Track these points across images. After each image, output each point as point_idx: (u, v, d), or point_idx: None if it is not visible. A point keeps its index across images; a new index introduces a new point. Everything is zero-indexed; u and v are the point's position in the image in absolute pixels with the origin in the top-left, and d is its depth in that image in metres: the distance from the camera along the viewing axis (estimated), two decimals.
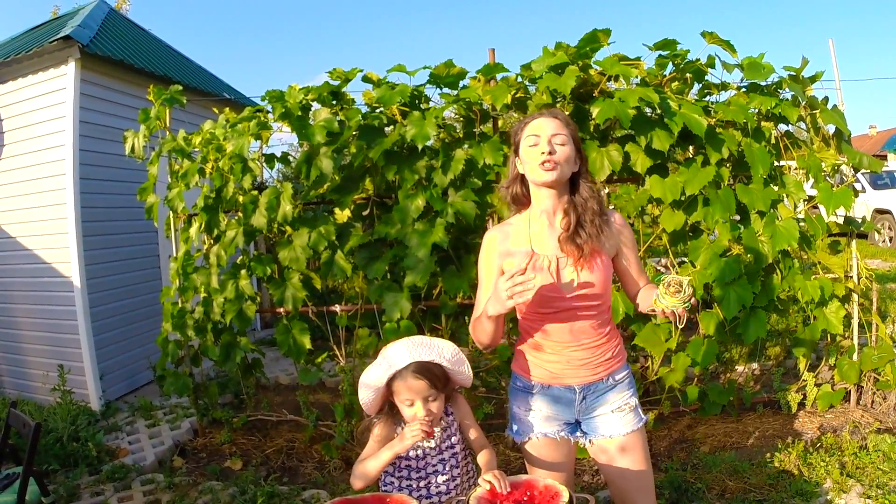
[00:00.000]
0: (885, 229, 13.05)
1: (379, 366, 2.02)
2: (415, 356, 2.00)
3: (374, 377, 2.02)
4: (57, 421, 4.52)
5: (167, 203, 4.37)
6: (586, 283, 2.00)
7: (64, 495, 3.78)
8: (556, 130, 2.01)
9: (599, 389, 2.10)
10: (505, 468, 3.74)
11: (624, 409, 2.12)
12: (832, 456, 3.62)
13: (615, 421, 2.11)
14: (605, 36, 3.53)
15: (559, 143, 2.00)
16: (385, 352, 2.06)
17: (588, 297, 2.02)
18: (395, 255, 3.73)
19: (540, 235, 2.07)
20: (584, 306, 2.02)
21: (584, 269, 2.00)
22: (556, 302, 2.01)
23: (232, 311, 4.06)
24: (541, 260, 2.03)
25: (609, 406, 2.11)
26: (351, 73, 3.87)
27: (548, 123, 2.02)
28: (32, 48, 5.38)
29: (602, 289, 2.04)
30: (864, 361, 4.12)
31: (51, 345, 5.55)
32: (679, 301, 1.83)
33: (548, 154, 1.97)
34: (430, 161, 3.69)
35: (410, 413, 2.02)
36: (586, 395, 2.09)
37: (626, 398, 2.13)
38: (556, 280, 2.01)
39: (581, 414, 2.13)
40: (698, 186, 3.58)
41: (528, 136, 2.03)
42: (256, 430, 4.61)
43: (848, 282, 4.07)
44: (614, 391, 2.12)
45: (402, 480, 2.10)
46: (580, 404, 2.11)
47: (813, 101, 3.94)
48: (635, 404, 2.16)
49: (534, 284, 1.87)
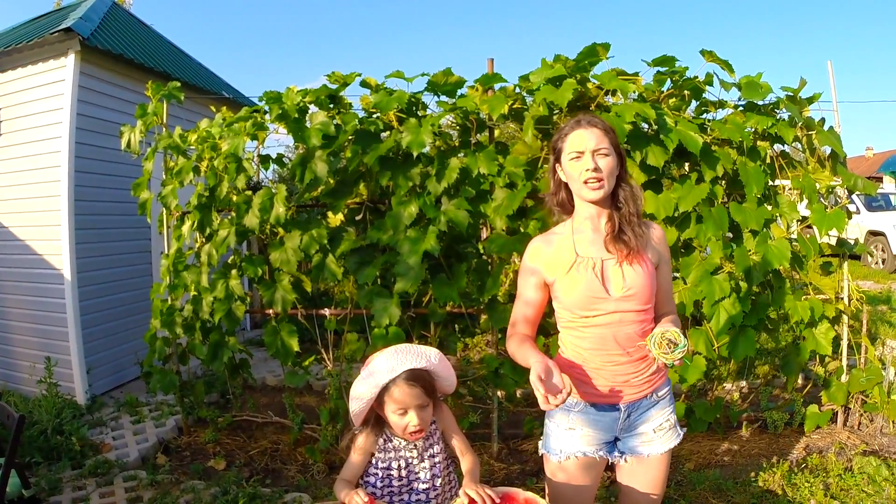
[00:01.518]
0: (878, 251, 13.06)
1: (371, 377, 1.97)
2: (406, 364, 1.95)
3: (367, 389, 1.96)
4: (42, 413, 4.51)
5: (161, 200, 4.36)
6: (632, 282, 1.96)
7: (46, 488, 3.76)
8: (598, 144, 1.96)
9: (643, 406, 2.07)
10: (488, 479, 3.75)
11: (664, 426, 2.10)
12: (817, 477, 3.62)
13: (655, 439, 2.09)
14: (605, 50, 3.52)
15: (603, 155, 1.96)
16: (373, 363, 2.00)
17: (633, 297, 1.97)
18: (387, 261, 3.73)
19: (584, 241, 2.04)
20: (629, 310, 1.97)
21: (629, 270, 1.97)
22: (601, 303, 1.96)
23: (221, 310, 4.05)
24: (585, 262, 1.99)
25: (651, 424, 2.08)
26: (349, 77, 3.86)
27: (589, 136, 1.97)
28: (33, 38, 5.38)
29: (647, 291, 1.99)
30: (852, 383, 4.13)
31: (39, 336, 5.53)
32: (668, 358, 1.84)
33: (593, 171, 1.94)
34: (425, 168, 3.68)
35: (402, 423, 1.96)
36: (630, 413, 2.06)
37: (667, 414, 2.11)
38: (600, 280, 1.97)
39: (622, 432, 2.09)
40: (692, 203, 3.57)
41: (571, 151, 1.99)
42: (241, 430, 4.59)
43: (838, 303, 4.08)
44: (657, 407, 2.09)
45: (384, 489, 2.08)
46: (623, 422, 2.07)
47: (809, 122, 3.95)
48: (675, 421, 2.14)
49: (565, 393, 1.80)
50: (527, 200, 3.66)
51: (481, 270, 3.79)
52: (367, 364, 2.03)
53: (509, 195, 3.60)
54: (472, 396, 4.16)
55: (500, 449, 4.07)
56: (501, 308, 3.77)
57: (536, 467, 3.87)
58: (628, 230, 1.99)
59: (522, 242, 3.63)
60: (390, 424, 2.02)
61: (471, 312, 3.95)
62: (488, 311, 3.79)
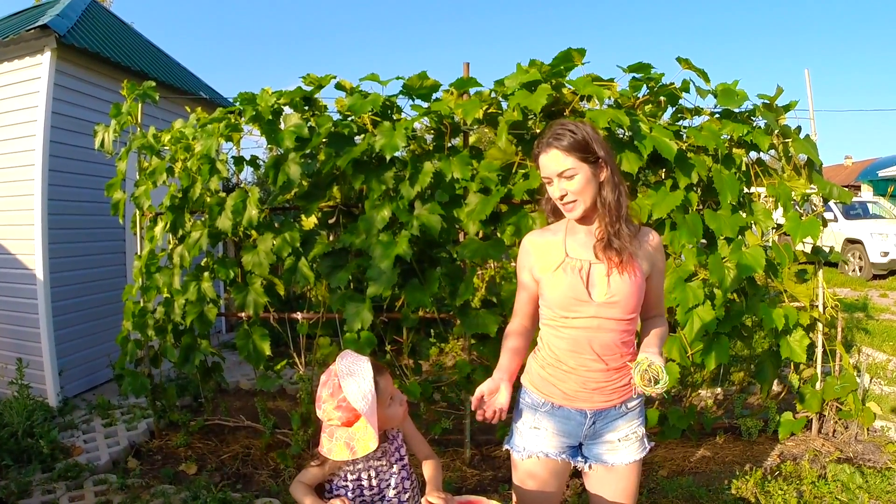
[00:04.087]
0: (855, 259, 13.17)
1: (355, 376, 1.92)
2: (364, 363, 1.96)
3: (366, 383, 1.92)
4: (13, 415, 4.43)
5: (134, 200, 4.31)
6: (616, 290, 1.94)
7: (15, 491, 3.70)
8: (560, 167, 1.93)
9: (611, 416, 2.05)
10: (461, 485, 3.72)
11: (630, 437, 2.07)
12: (790, 484, 3.62)
13: (619, 450, 2.07)
14: (580, 55, 3.51)
15: (568, 176, 1.93)
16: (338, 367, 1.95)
17: (616, 305, 1.95)
18: (359, 264, 3.70)
19: (576, 243, 2.04)
20: (609, 317, 1.96)
21: (615, 277, 1.95)
22: (581, 306, 1.96)
23: (193, 313, 4.01)
24: (573, 263, 1.99)
25: (617, 434, 2.07)
26: (324, 79, 3.83)
27: (551, 161, 1.95)
28: (8, 35, 5.30)
29: (632, 301, 1.97)
30: (827, 391, 4.14)
31: (10, 337, 5.45)
32: (647, 390, 1.85)
33: (560, 198, 1.95)
34: (399, 172, 3.66)
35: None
36: (596, 421, 2.04)
37: (635, 427, 2.09)
38: (584, 283, 1.96)
39: (587, 438, 2.08)
40: (666, 210, 3.57)
41: (543, 176, 2.00)
42: (213, 434, 4.54)
43: (813, 311, 4.09)
44: (624, 419, 2.07)
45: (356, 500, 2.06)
46: (588, 429, 2.06)
47: (786, 130, 3.95)
48: (642, 434, 2.11)
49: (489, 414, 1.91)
50: (500, 206, 3.64)
51: (454, 275, 3.76)
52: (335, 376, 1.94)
53: (483, 200, 3.57)
54: (445, 402, 4.14)
55: (472, 455, 4.04)
56: (474, 313, 3.75)
57: (509, 474, 3.82)
58: (618, 238, 1.96)
59: (496, 248, 3.62)
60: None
61: (444, 318, 3.92)
62: (461, 316, 3.76)
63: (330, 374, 1.94)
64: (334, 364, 1.97)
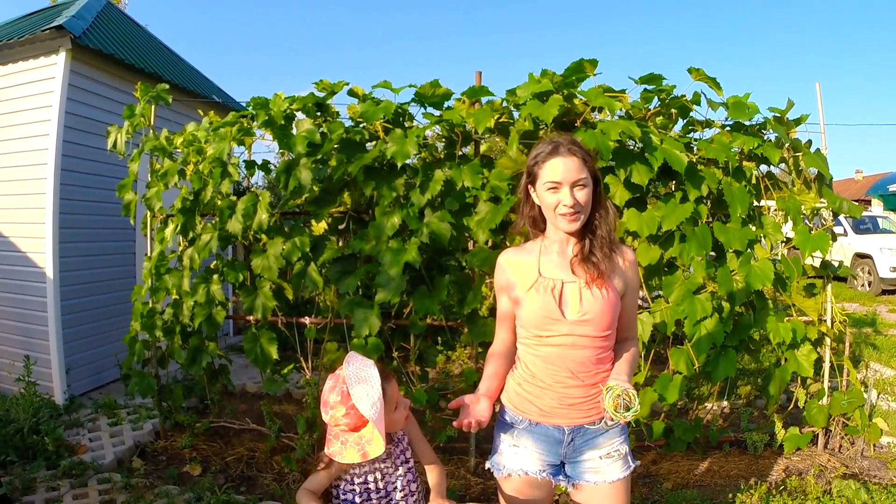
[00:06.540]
0: (864, 274, 13.10)
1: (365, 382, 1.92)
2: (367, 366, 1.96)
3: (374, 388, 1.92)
4: (19, 412, 4.46)
5: (145, 202, 4.33)
6: (589, 307, 1.93)
7: (19, 487, 3.73)
8: (577, 175, 1.89)
9: (590, 433, 2.02)
10: (465, 493, 3.72)
11: (613, 455, 2.04)
12: (795, 500, 3.60)
13: (602, 468, 2.03)
14: (592, 66, 3.52)
15: (581, 186, 1.91)
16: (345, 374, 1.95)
17: (589, 322, 1.94)
18: (368, 271, 3.71)
19: (549, 262, 2.02)
20: (583, 335, 1.95)
21: (588, 295, 1.94)
22: (555, 325, 1.95)
23: (201, 315, 4.03)
24: (546, 283, 1.98)
25: (598, 451, 2.03)
26: (337, 85, 3.85)
27: (568, 167, 1.89)
28: (24, 35, 5.35)
29: (605, 319, 1.96)
30: (834, 406, 4.12)
31: (19, 334, 5.49)
32: (616, 416, 1.81)
33: (571, 207, 1.90)
34: (410, 179, 3.68)
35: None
36: (575, 437, 2.02)
37: (617, 444, 2.05)
38: (557, 302, 1.95)
39: (567, 457, 2.05)
40: (676, 222, 3.57)
41: (547, 181, 1.92)
42: (219, 436, 4.55)
43: (821, 325, 4.07)
44: (605, 436, 2.03)
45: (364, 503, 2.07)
46: (567, 446, 2.03)
47: (796, 144, 3.95)
48: (626, 451, 2.07)
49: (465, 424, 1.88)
50: (510, 215, 3.64)
51: (462, 283, 3.77)
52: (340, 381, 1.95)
53: (493, 209, 3.58)
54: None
55: (477, 463, 4.04)
56: (482, 322, 3.76)
57: None
58: (598, 253, 1.96)
59: None
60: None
61: (451, 325, 3.93)
62: (469, 324, 3.77)
63: (337, 380, 1.94)
64: (341, 369, 1.97)
